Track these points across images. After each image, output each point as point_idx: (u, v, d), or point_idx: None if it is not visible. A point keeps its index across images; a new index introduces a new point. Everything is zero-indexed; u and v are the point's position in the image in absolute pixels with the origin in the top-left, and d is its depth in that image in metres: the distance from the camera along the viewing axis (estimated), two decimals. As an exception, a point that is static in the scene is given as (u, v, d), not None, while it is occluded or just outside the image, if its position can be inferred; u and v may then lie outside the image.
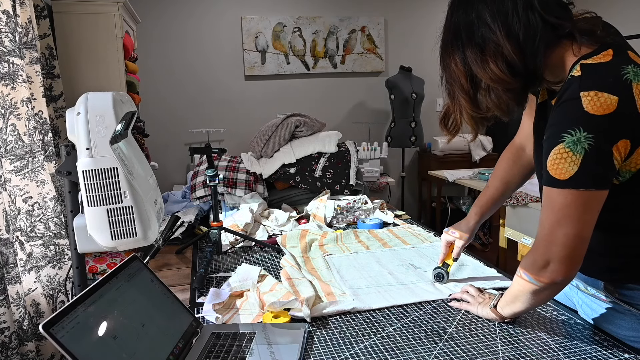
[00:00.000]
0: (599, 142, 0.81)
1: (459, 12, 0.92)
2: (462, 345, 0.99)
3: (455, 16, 0.92)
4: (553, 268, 0.88)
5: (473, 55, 0.89)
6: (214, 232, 1.61)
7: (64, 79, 1.99)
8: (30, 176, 1.47)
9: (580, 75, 0.84)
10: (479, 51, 0.89)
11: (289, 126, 2.21)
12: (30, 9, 1.55)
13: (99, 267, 1.63)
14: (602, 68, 0.83)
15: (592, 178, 0.83)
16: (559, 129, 0.84)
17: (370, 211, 2.01)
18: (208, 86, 4.08)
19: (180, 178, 4.10)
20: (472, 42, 0.90)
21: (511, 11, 0.86)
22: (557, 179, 0.85)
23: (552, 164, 0.86)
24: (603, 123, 0.80)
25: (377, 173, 3.88)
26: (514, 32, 0.86)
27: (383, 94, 4.37)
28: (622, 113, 0.80)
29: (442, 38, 0.96)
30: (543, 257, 0.89)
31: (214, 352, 0.97)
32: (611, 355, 0.93)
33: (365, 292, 1.25)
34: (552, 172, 0.86)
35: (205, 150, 1.62)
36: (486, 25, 0.87)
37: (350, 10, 4.27)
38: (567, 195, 0.85)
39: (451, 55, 0.93)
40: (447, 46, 0.94)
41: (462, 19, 0.91)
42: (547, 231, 0.88)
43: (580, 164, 0.82)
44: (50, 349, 1.50)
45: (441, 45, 0.96)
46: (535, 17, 0.86)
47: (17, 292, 1.38)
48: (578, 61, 0.87)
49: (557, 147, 0.84)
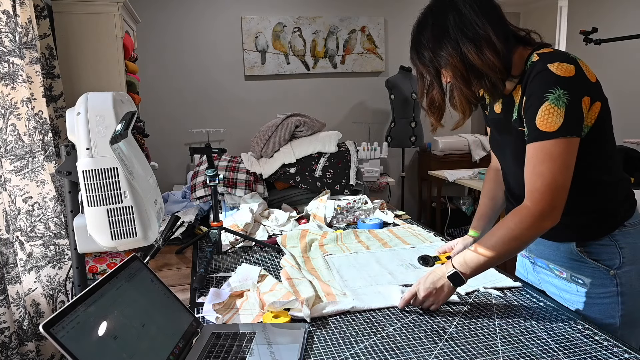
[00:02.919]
0: (572, 96, 1.02)
1: (445, 15, 1.09)
2: (462, 345, 0.99)
3: (442, 19, 1.09)
4: (557, 212, 1.04)
5: (468, 47, 1.06)
6: (214, 232, 1.61)
7: (64, 79, 1.99)
8: (30, 176, 1.47)
9: (540, 59, 1.07)
10: (472, 44, 1.06)
11: (289, 126, 2.21)
12: (30, 9, 1.55)
13: (99, 267, 1.63)
14: (553, 53, 1.08)
15: (575, 125, 1.03)
16: (541, 93, 1.03)
17: (370, 211, 2.01)
18: (208, 86, 4.08)
19: (180, 178, 4.10)
20: (466, 38, 1.07)
21: (496, 19, 1.09)
22: (547, 131, 1.03)
23: (542, 119, 1.03)
24: (571, 82, 1.02)
25: (377, 173, 3.88)
26: (501, 33, 1.08)
27: (383, 94, 4.37)
28: (580, 76, 1.04)
29: (429, 36, 1.11)
30: (550, 206, 1.03)
31: (214, 352, 0.97)
32: (611, 355, 0.93)
33: (365, 292, 1.25)
34: (542, 127, 1.03)
35: (205, 150, 1.62)
36: (477, 26, 1.06)
37: (350, 10, 4.27)
38: (560, 144, 1.02)
39: (444, 49, 1.09)
40: (439, 42, 1.09)
41: (451, 21, 1.08)
42: (552, 182, 1.03)
43: (564, 115, 1.02)
44: (51, 349, 1.50)
45: (429, 42, 1.11)
46: (507, 27, 1.12)
47: (17, 292, 1.38)
48: (531, 54, 1.10)
49: (544, 106, 1.03)
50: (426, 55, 1.12)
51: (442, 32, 1.08)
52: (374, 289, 1.27)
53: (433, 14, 1.12)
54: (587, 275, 1.14)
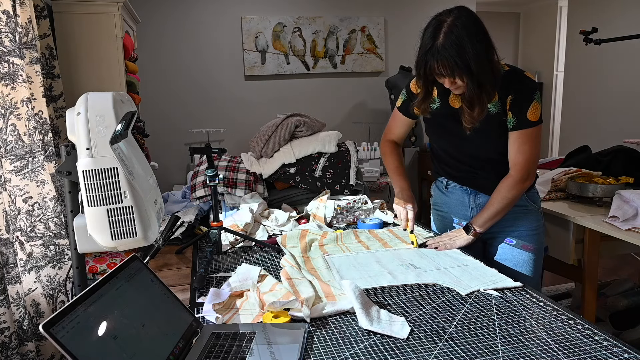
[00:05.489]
0: (540, 95, 1.48)
1: (472, 45, 1.34)
2: (462, 345, 0.99)
3: (470, 48, 1.33)
4: (533, 176, 1.53)
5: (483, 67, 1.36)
6: (214, 232, 1.61)
7: (64, 79, 1.99)
8: (30, 176, 1.47)
9: (511, 68, 1.48)
10: (494, 53, 1.40)
11: (289, 126, 2.21)
12: (30, 9, 1.55)
13: (99, 267, 1.63)
14: (513, 65, 1.52)
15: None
16: (530, 94, 1.44)
17: (370, 211, 2.01)
18: (208, 86, 4.08)
19: (180, 178, 4.10)
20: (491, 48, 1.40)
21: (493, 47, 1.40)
22: (534, 121, 1.45)
23: (532, 113, 1.45)
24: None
25: (377, 173, 3.88)
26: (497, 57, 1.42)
27: (383, 94, 4.37)
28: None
29: (476, 48, 1.35)
30: (528, 173, 1.49)
31: (214, 352, 0.97)
32: (611, 355, 0.93)
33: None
34: (531, 118, 1.45)
35: (205, 150, 1.62)
36: (488, 51, 1.38)
37: (350, 10, 4.27)
38: (538, 129, 1.47)
39: (486, 57, 1.37)
40: (484, 52, 1.36)
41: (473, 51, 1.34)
42: (530, 156, 1.48)
43: (540, 108, 1.46)
44: (50, 349, 1.50)
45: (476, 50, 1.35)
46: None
47: (17, 292, 1.39)
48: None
49: (533, 103, 1.44)
50: (472, 64, 1.34)
51: (483, 45, 1.35)
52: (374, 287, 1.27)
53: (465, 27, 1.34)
54: (523, 219, 1.62)
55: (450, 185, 1.72)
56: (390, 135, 1.85)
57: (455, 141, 1.60)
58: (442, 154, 1.69)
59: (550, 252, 2.25)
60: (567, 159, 2.69)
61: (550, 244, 2.23)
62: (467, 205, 1.68)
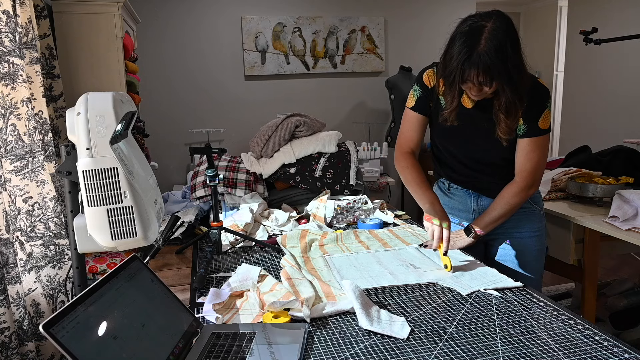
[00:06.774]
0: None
1: (514, 52, 1.28)
2: (462, 345, 0.99)
3: (512, 55, 1.27)
4: (538, 184, 1.51)
5: (521, 75, 1.32)
6: (214, 232, 1.61)
7: (64, 79, 1.99)
8: (30, 176, 1.47)
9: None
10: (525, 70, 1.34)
11: (289, 126, 2.21)
12: (30, 9, 1.55)
13: (99, 267, 1.63)
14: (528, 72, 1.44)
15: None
16: (542, 102, 1.42)
17: (370, 211, 2.01)
18: (208, 86, 4.08)
19: (180, 178, 4.10)
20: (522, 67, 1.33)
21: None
22: (544, 129, 1.44)
23: (543, 121, 1.43)
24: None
25: (377, 173, 3.88)
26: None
27: (383, 94, 4.37)
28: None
29: (515, 55, 1.29)
30: (534, 181, 1.48)
31: (214, 352, 0.97)
32: (611, 355, 0.93)
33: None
34: (542, 126, 1.43)
35: (205, 150, 1.62)
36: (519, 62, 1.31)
37: (350, 10, 4.27)
38: (547, 138, 1.46)
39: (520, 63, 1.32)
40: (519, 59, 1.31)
41: (514, 58, 1.28)
42: (537, 165, 1.47)
43: (550, 117, 1.44)
44: (50, 349, 1.50)
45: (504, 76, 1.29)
46: None
47: (17, 292, 1.39)
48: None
49: (545, 111, 1.43)
50: (511, 70, 1.29)
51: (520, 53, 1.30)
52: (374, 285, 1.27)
53: (507, 34, 1.27)
54: (526, 221, 1.61)
55: (452, 187, 1.69)
56: (407, 144, 1.65)
57: (463, 143, 1.56)
58: (446, 155, 1.65)
59: (550, 252, 2.25)
60: (567, 159, 2.69)
61: (551, 244, 2.23)
62: (470, 207, 1.65)
